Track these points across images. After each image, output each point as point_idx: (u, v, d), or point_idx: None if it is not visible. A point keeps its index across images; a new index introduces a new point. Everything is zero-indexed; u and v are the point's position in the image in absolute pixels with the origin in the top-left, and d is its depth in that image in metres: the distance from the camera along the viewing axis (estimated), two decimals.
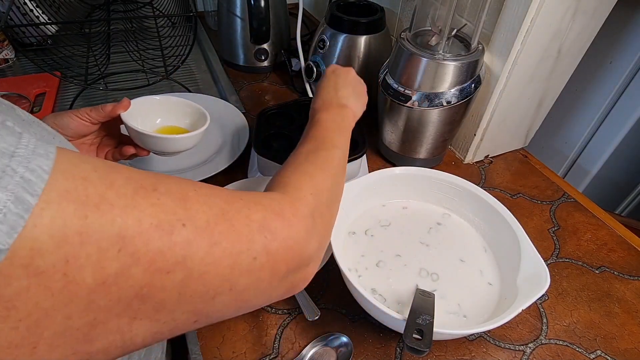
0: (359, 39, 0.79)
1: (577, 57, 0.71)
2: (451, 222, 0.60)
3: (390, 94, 0.67)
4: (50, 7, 0.92)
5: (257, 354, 0.49)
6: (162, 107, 0.55)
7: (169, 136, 0.50)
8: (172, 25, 1.05)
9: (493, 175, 0.77)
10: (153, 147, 0.51)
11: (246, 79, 0.99)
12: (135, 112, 0.50)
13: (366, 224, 0.59)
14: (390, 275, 0.53)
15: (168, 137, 0.50)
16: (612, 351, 0.51)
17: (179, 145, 0.52)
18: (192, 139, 0.53)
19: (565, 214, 0.70)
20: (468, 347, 0.51)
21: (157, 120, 0.55)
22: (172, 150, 0.53)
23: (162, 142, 0.50)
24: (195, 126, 0.54)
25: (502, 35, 0.63)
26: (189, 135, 0.52)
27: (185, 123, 0.57)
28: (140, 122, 0.50)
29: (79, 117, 0.46)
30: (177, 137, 0.51)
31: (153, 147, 0.51)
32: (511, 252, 0.52)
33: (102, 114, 0.47)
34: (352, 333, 0.51)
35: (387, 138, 0.75)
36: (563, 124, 1.04)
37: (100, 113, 0.47)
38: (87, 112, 0.46)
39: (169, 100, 0.56)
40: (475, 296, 0.52)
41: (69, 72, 0.86)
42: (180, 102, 0.56)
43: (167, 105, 0.56)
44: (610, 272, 0.60)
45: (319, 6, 1.21)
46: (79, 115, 0.46)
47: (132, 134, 0.50)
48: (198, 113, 0.56)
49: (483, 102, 0.70)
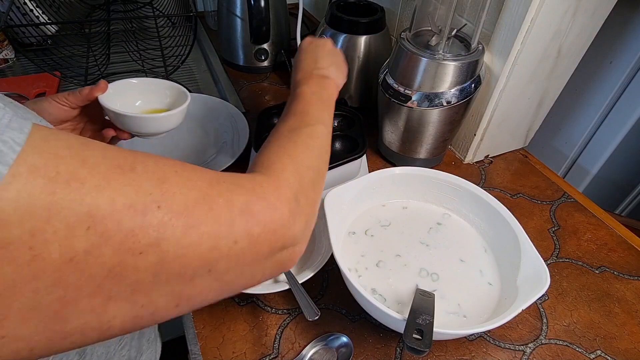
0: (359, 39, 0.79)
1: (577, 57, 0.71)
2: (451, 222, 0.60)
3: (390, 94, 0.67)
4: (50, 7, 0.92)
5: (257, 354, 0.49)
6: (141, 89, 0.55)
7: (147, 115, 0.50)
8: (172, 25, 1.04)
9: (493, 175, 0.77)
10: (133, 128, 0.50)
11: (246, 79, 0.99)
12: (114, 96, 0.49)
13: (366, 224, 0.59)
14: (390, 275, 0.53)
15: (147, 117, 0.50)
16: (612, 351, 0.51)
17: (159, 125, 0.51)
18: (172, 118, 0.52)
19: (565, 214, 0.70)
20: (468, 347, 0.51)
21: (136, 102, 0.55)
22: (153, 131, 0.52)
23: (142, 122, 0.49)
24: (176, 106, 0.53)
25: (502, 35, 0.63)
26: (168, 114, 0.51)
27: (166, 103, 0.56)
28: (120, 105, 0.49)
29: (57, 102, 0.46)
30: (157, 116, 0.50)
31: (133, 128, 0.50)
32: (511, 252, 0.52)
33: (79, 98, 0.47)
34: (352, 333, 0.51)
35: (387, 138, 0.75)
36: (563, 124, 1.04)
37: (77, 97, 0.46)
38: (65, 96, 0.46)
39: (147, 83, 0.55)
40: (475, 296, 0.51)
41: (69, 72, 0.86)
42: (159, 83, 0.56)
43: (146, 87, 0.55)
44: (610, 272, 0.60)
45: (319, 6, 1.21)
46: (57, 100, 0.46)
47: (111, 116, 0.49)
48: (178, 93, 0.55)
49: (483, 102, 0.70)
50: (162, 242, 0.23)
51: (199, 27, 1.17)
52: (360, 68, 0.82)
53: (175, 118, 0.52)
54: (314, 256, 0.57)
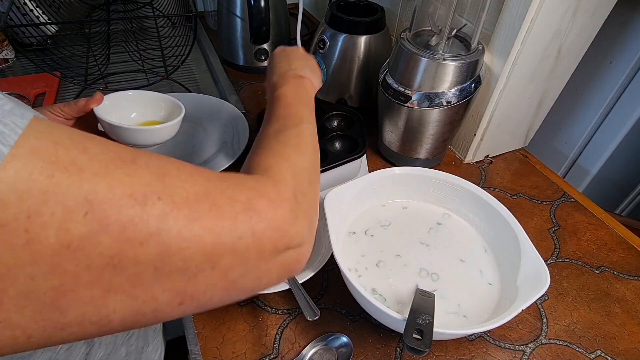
0: (359, 39, 0.79)
1: (577, 57, 0.71)
2: (451, 222, 0.60)
3: (390, 94, 0.67)
4: (50, 7, 0.92)
5: (257, 354, 0.49)
6: (137, 101, 0.56)
7: (142, 128, 0.51)
8: (172, 25, 1.04)
9: (493, 175, 0.77)
10: (128, 140, 0.51)
11: (246, 79, 0.99)
12: (109, 108, 0.50)
13: (366, 224, 0.59)
14: (390, 275, 0.53)
15: (142, 129, 0.51)
16: (612, 351, 0.51)
17: (153, 137, 0.53)
18: (166, 130, 0.53)
19: (565, 214, 0.70)
20: (468, 347, 0.51)
21: (132, 114, 0.56)
22: (148, 143, 0.53)
23: (137, 134, 0.50)
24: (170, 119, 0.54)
25: (502, 35, 0.63)
26: (162, 126, 0.52)
27: (160, 116, 0.57)
28: (115, 117, 0.50)
29: (52, 113, 0.46)
30: (151, 129, 0.52)
31: (128, 140, 0.51)
32: (511, 252, 0.52)
33: (75, 109, 0.47)
34: (352, 333, 0.51)
35: (387, 138, 0.75)
36: (563, 124, 1.04)
37: (73, 108, 0.47)
38: (61, 107, 0.47)
39: (142, 95, 0.57)
40: (475, 296, 0.52)
41: (69, 72, 0.86)
42: (154, 96, 0.57)
43: (141, 99, 0.56)
44: (610, 272, 0.60)
45: (319, 6, 1.21)
46: (52, 111, 0.46)
47: (106, 127, 0.50)
48: (172, 106, 0.56)
49: (483, 102, 0.70)
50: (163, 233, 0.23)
51: (199, 27, 1.17)
52: (360, 68, 0.82)
53: (168, 131, 0.53)
54: (314, 256, 0.57)
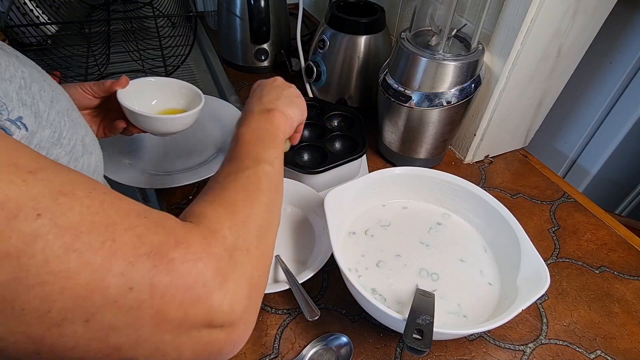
0: (359, 39, 0.79)
1: (577, 57, 0.71)
2: (451, 222, 0.60)
3: (390, 94, 0.67)
4: (50, 7, 0.92)
5: (257, 354, 0.49)
6: (158, 88, 0.57)
7: (161, 116, 0.52)
8: (172, 25, 1.04)
9: (493, 175, 0.77)
10: (147, 127, 0.52)
11: (246, 79, 0.99)
12: (132, 94, 0.52)
13: (366, 224, 0.59)
14: (390, 275, 0.53)
15: (159, 117, 0.52)
16: (612, 351, 0.51)
17: (170, 126, 0.53)
18: (183, 120, 0.53)
19: (565, 214, 0.70)
20: (468, 347, 0.51)
21: (152, 101, 0.57)
22: (164, 131, 0.54)
23: (155, 122, 0.52)
24: (190, 107, 0.56)
25: (502, 35, 0.63)
26: (180, 116, 0.53)
27: (181, 104, 0.58)
28: (137, 104, 0.52)
29: (82, 90, 0.51)
30: (169, 118, 0.53)
31: (147, 127, 0.52)
32: (511, 252, 0.52)
33: (102, 89, 0.51)
34: (352, 333, 0.51)
35: (387, 138, 0.75)
36: (563, 124, 1.04)
37: (100, 88, 0.51)
38: (90, 85, 0.51)
39: (164, 82, 0.58)
40: (475, 296, 0.51)
41: (69, 72, 0.86)
42: (176, 83, 0.58)
43: (163, 86, 0.57)
44: (610, 272, 0.60)
45: (319, 6, 1.21)
46: (83, 88, 0.51)
47: (127, 113, 0.51)
48: (193, 94, 0.57)
49: (483, 102, 0.70)
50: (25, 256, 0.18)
51: (199, 27, 1.17)
52: (360, 68, 0.82)
53: (186, 120, 0.54)
54: (314, 256, 0.57)
